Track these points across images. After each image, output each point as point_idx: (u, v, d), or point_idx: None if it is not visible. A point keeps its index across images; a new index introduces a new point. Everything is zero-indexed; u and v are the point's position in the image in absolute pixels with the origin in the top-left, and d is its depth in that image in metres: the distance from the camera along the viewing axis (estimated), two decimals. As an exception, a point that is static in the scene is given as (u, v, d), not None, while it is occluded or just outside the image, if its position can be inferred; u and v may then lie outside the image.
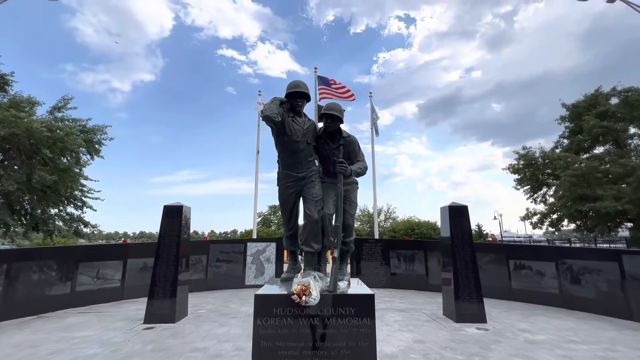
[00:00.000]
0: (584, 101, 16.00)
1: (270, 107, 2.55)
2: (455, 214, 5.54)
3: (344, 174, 2.60)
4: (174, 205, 5.51)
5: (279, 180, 2.91)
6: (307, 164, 2.82)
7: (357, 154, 2.92)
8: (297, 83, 2.75)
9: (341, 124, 2.85)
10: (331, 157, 2.87)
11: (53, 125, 10.77)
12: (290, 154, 2.77)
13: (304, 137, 2.77)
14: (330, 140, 2.90)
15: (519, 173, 17.91)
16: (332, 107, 2.80)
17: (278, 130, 2.72)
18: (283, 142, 2.75)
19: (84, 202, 12.79)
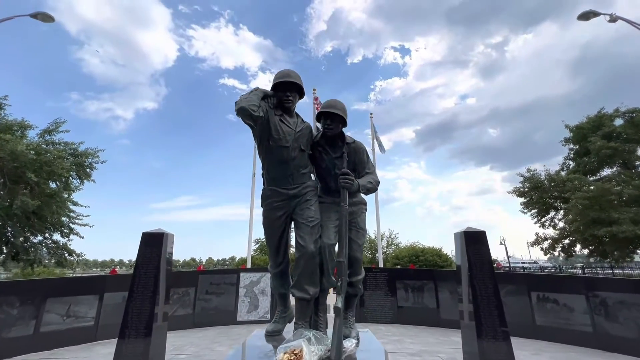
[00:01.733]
0: (587, 123, 15.79)
1: (248, 97, 2.00)
2: (472, 241, 4.90)
3: (350, 190, 2.05)
4: (154, 233, 4.89)
5: (263, 199, 2.32)
6: (299, 178, 2.26)
7: (366, 164, 2.36)
8: (287, 72, 2.24)
9: (344, 127, 2.34)
10: (332, 169, 2.32)
11: (41, 149, 10.37)
12: (278, 164, 2.20)
13: (295, 142, 2.22)
14: (331, 147, 2.35)
15: (525, 196, 17.36)
16: (332, 105, 2.28)
17: (261, 131, 2.17)
18: (268, 149, 2.19)
19: (71, 229, 12.15)
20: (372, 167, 2.41)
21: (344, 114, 2.30)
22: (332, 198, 2.36)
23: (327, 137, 2.37)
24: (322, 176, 2.44)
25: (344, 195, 1.99)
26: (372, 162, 2.46)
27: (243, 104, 1.94)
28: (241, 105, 1.93)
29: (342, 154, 2.26)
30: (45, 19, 9.21)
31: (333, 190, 2.35)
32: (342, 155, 2.24)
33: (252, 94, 2.05)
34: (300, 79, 2.28)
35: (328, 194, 2.42)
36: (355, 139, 2.38)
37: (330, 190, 2.40)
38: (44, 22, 9.28)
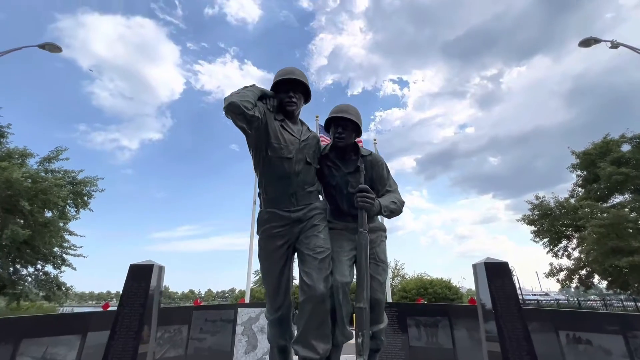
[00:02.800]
0: (593, 148, 15.60)
1: (241, 93, 1.69)
2: (494, 274, 4.40)
3: (370, 212, 1.73)
4: (142, 265, 4.45)
5: (259, 224, 1.96)
6: (305, 197, 1.92)
7: (386, 181, 2.04)
8: (291, 69, 1.96)
9: (358, 137, 2.03)
10: (344, 187, 1.98)
11: (38, 176, 10.17)
12: (278, 180, 1.87)
13: (300, 154, 1.89)
14: (342, 161, 2.03)
15: (534, 224, 16.80)
16: (343, 109, 1.98)
17: (257, 139, 1.84)
18: (266, 161, 1.85)
19: (64, 260, 11.67)
20: (394, 185, 2.07)
21: (358, 120, 1.99)
22: (344, 223, 2.00)
23: (338, 149, 2.04)
24: (333, 196, 2.09)
25: (362, 218, 1.64)
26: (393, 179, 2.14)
27: (233, 98, 1.62)
28: (231, 101, 1.61)
29: (357, 168, 1.92)
30: (52, 50, 9.37)
31: (346, 213, 2.01)
32: (358, 170, 1.90)
33: (246, 90, 1.74)
34: (306, 77, 1.97)
35: (340, 218, 2.05)
36: (372, 151, 2.06)
37: (342, 213, 2.04)
38: (51, 52, 9.43)
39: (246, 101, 1.66)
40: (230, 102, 1.62)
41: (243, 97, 1.67)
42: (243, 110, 1.63)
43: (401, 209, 1.96)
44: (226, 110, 1.64)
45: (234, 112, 1.63)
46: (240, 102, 1.63)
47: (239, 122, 1.71)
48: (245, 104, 1.65)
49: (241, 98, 1.66)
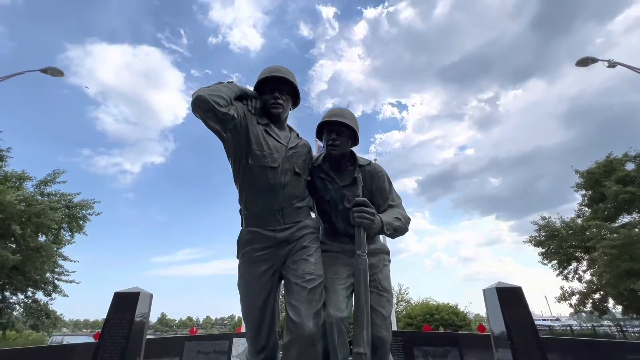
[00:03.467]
0: (597, 167, 15.41)
1: (214, 88, 1.49)
2: (507, 299, 4.10)
3: (369, 230, 1.46)
4: (127, 292, 4.17)
5: (239, 246, 1.70)
6: (293, 214, 1.68)
7: (388, 194, 1.80)
8: (276, 67, 1.74)
9: (355, 145, 1.83)
10: (339, 202, 1.76)
11: (33, 199, 9.97)
12: (261, 193, 1.63)
13: (287, 163, 1.67)
14: (337, 173, 1.81)
15: (542, 246, 16.31)
16: (337, 113, 1.78)
17: (235, 145, 1.63)
18: (246, 170, 1.63)
19: (55, 287, 11.26)
20: (397, 199, 1.83)
21: (355, 126, 1.79)
22: (340, 244, 1.76)
23: (333, 159, 1.81)
24: (326, 213, 1.85)
25: (360, 238, 1.39)
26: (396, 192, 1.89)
27: (202, 92, 1.41)
28: (198, 94, 1.39)
29: (354, 180, 1.71)
30: (54, 74, 9.48)
31: (342, 232, 1.77)
32: (355, 182, 1.69)
33: (220, 85, 1.54)
34: (294, 77, 1.77)
35: (335, 239, 1.81)
36: (372, 161, 1.85)
37: (338, 232, 1.80)
38: (53, 76, 9.54)
39: (217, 96, 1.45)
40: (197, 95, 1.40)
41: (214, 92, 1.46)
42: (213, 106, 1.40)
43: (407, 227, 1.69)
44: (193, 106, 1.42)
45: (202, 107, 1.41)
46: (209, 96, 1.41)
47: (210, 121, 1.48)
48: (215, 99, 1.43)
49: (212, 92, 1.45)
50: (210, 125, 1.53)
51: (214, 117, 1.46)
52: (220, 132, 1.58)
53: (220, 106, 1.45)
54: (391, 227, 1.57)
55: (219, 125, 1.52)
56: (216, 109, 1.43)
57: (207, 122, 1.52)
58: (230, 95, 1.55)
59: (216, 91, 1.47)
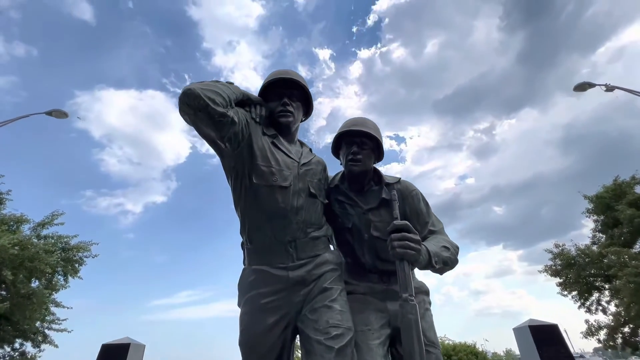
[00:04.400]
0: (605, 192, 15.11)
1: (210, 84, 1.26)
2: (543, 339, 3.65)
3: (415, 265, 1.14)
4: (116, 344, 3.75)
5: (241, 291, 1.39)
6: (309, 247, 1.39)
7: (427, 217, 1.50)
8: (285, 70, 1.53)
9: (379, 160, 1.60)
10: (364, 230, 1.48)
11: (28, 242, 9.64)
12: (269, 220, 1.36)
13: (300, 182, 1.41)
14: (359, 194, 1.54)
15: (560, 276, 15.53)
16: (358, 122, 1.53)
17: (237, 159, 1.38)
18: (250, 192, 1.37)
19: (45, 337, 10.57)
20: (437, 223, 1.53)
21: (379, 136, 1.53)
22: (368, 283, 1.47)
23: (354, 178, 1.55)
24: (348, 244, 1.56)
25: (405, 275, 1.04)
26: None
27: (193, 86, 1.19)
28: (189, 88, 1.17)
29: (382, 201, 1.44)
30: (59, 116, 9.61)
31: (369, 268, 1.48)
32: (383, 204, 1.43)
33: (218, 83, 1.31)
34: (305, 81, 1.55)
35: (361, 277, 1.51)
36: (400, 178, 1.57)
37: (363, 268, 1.51)
38: (57, 118, 9.67)
39: (212, 92, 1.19)
40: (187, 89, 1.16)
41: (209, 87, 1.21)
42: (206, 103, 1.15)
43: (457, 258, 1.37)
44: (180, 104, 1.18)
45: (192, 105, 1.16)
46: (202, 91, 1.16)
47: (202, 124, 1.23)
48: (210, 95, 1.18)
49: (206, 87, 1.20)
50: (203, 131, 1.28)
51: (207, 119, 1.21)
52: (217, 140, 1.32)
53: (216, 105, 1.20)
54: (440, 259, 1.23)
55: (215, 130, 1.26)
56: (211, 107, 1.18)
57: (199, 127, 1.26)
58: (230, 95, 1.32)
59: (211, 87, 1.24)
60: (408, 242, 1.09)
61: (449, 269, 1.33)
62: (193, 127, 1.29)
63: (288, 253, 1.36)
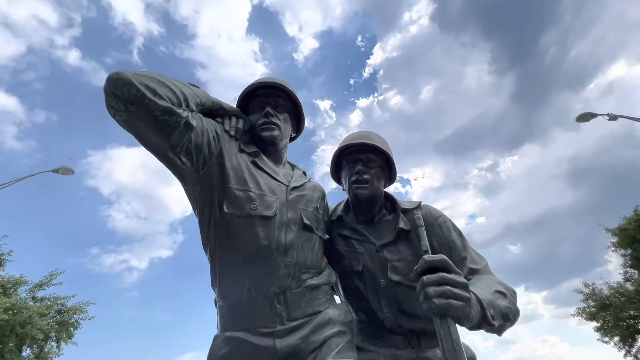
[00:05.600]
0: (628, 223, 14.34)
1: (155, 74, 0.98)
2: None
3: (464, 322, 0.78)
4: None
5: None
6: (305, 301, 1.06)
7: (462, 251, 1.16)
8: (271, 78, 1.29)
9: (391, 182, 1.33)
10: (379, 274, 1.16)
11: (23, 306, 9.13)
12: (245, 263, 1.05)
13: (291, 211, 1.12)
14: (369, 225, 1.25)
15: (596, 319, 14.11)
16: (363, 135, 1.27)
17: (202, 181, 1.09)
18: (221, 225, 1.07)
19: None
20: (479, 259, 1.18)
21: (388, 150, 1.27)
22: (389, 349, 1.11)
23: (360, 204, 1.26)
24: (359, 295, 1.23)
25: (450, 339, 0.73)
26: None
27: (125, 71, 0.91)
28: (119, 73, 0.90)
29: (401, 233, 1.14)
30: (65, 172, 9.71)
31: (390, 327, 1.13)
32: (402, 237, 1.13)
33: (175, 81, 1.04)
34: (292, 88, 1.31)
35: (379, 339, 1.16)
36: (420, 202, 1.27)
37: (382, 328, 1.16)
38: (64, 175, 9.75)
39: (154, 81, 0.92)
40: (115, 73, 0.88)
41: (151, 75, 0.94)
42: (142, 93, 0.88)
43: (518, 308, 1.01)
44: (106, 94, 0.89)
45: (120, 95, 0.87)
46: (136, 77, 0.89)
47: (141, 127, 0.95)
48: (149, 83, 0.91)
49: (144, 74, 0.93)
50: (145, 138, 1.00)
51: (145, 117, 0.91)
52: (168, 153, 1.03)
53: (157, 97, 0.91)
54: (498, 312, 0.88)
55: (159, 135, 0.96)
56: (149, 99, 0.89)
57: (138, 132, 0.98)
58: (190, 96, 1.02)
59: (154, 75, 0.95)
60: (450, 287, 0.76)
61: (510, 325, 0.96)
62: (131, 133, 1.00)
63: (275, 312, 1.02)
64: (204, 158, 1.08)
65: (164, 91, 0.94)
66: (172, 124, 0.96)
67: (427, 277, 0.78)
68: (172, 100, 0.97)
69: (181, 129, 0.99)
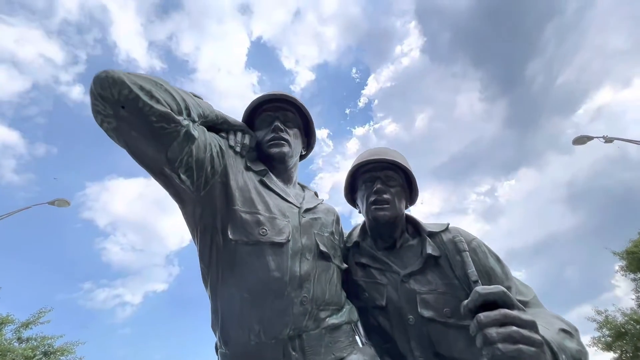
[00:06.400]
0: (635, 246, 14.09)
1: (154, 78, 0.85)
2: None
3: None
4: None
5: None
6: (325, 344, 0.90)
7: (504, 279, 1.00)
8: (279, 92, 1.20)
9: (412, 204, 1.18)
10: (406, 310, 1.00)
11: (5, 349, 8.59)
12: (255, 300, 0.89)
13: (305, 236, 0.99)
14: (390, 252, 1.11)
15: (613, 349, 13.44)
16: (380, 152, 1.17)
17: (203, 202, 0.96)
18: (226, 254, 0.93)
19: None
20: (526, 289, 1.03)
21: (409, 167, 1.16)
22: None
23: (380, 229, 1.14)
24: (385, 334, 1.07)
25: None
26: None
27: (117, 71, 0.78)
28: (109, 72, 0.77)
29: (428, 259, 1.01)
30: (61, 204, 9.54)
31: None
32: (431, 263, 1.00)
33: (176, 88, 0.92)
34: (302, 102, 1.22)
35: None
36: (448, 224, 1.13)
37: None
38: (59, 207, 9.58)
39: (152, 83, 0.81)
40: (103, 72, 0.76)
41: (148, 78, 0.82)
42: (136, 94, 0.76)
43: (586, 349, 0.83)
44: (93, 97, 0.78)
45: (109, 97, 0.75)
46: (129, 78, 0.77)
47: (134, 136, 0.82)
48: (145, 85, 0.79)
49: (139, 76, 0.81)
50: (137, 150, 0.87)
51: (139, 124, 0.79)
52: (164, 168, 0.89)
53: (154, 100, 0.79)
54: (569, 357, 0.74)
55: (156, 145, 0.84)
56: (143, 101, 0.77)
57: (129, 143, 0.85)
58: (192, 105, 0.91)
59: (152, 78, 0.83)
60: (519, 329, 0.61)
61: None
62: (121, 145, 0.87)
63: (289, 359, 0.87)
64: (206, 176, 0.95)
65: (162, 95, 0.83)
66: (170, 132, 0.84)
67: (486, 315, 0.64)
68: (170, 106, 0.84)
69: (181, 139, 0.86)
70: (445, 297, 0.98)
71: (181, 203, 1.04)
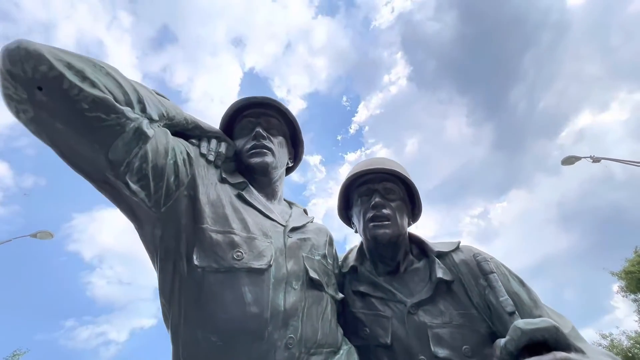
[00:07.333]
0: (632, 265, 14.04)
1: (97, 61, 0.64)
2: None
3: None
4: None
5: None
6: None
7: (534, 308, 0.81)
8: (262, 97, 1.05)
9: (415, 220, 1.04)
10: (417, 349, 0.82)
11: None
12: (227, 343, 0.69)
13: (288, 260, 0.81)
14: (393, 277, 0.95)
15: (622, 373, 12.99)
16: (377, 162, 1.03)
17: (166, 219, 0.76)
18: (190, 285, 0.73)
19: None
20: (562, 319, 0.87)
21: (409, 178, 1.02)
22: None
23: (381, 250, 0.98)
24: None
25: None
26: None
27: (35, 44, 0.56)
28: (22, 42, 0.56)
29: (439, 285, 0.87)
30: (44, 237, 9.20)
31: None
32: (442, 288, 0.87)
33: (130, 80, 0.73)
34: (286, 108, 1.07)
35: None
36: (459, 242, 0.99)
37: None
38: (42, 239, 9.24)
39: (89, 63, 0.62)
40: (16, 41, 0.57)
41: (91, 60, 0.63)
42: (60, 72, 0.57)
43: None
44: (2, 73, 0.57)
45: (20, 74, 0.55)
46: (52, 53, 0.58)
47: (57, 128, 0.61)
48: (76, 63, 0.60)
49: (70, 52, 0.62)
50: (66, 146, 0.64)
51: (66, 110, 0.59)
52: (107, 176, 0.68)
53: (89, 84, 0.60)
54: None
55: (91, 143, 0.63)
56: (69, 81, 0.57)
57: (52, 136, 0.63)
58: (147, 99, 0.73)
59: (89, 58, 0.64)
60: None
61: None
62: (45, 142, 0.66)
63: None
64: (167, 187, 0.77)
65: (101, 78, 0.63)
66: (111, 126, 0.64)
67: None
68: (113, 93, 0.65)
69: (128, 137, 0.67)
70: (463, 331, 0.82)
71: (136, 222, 0.84)
